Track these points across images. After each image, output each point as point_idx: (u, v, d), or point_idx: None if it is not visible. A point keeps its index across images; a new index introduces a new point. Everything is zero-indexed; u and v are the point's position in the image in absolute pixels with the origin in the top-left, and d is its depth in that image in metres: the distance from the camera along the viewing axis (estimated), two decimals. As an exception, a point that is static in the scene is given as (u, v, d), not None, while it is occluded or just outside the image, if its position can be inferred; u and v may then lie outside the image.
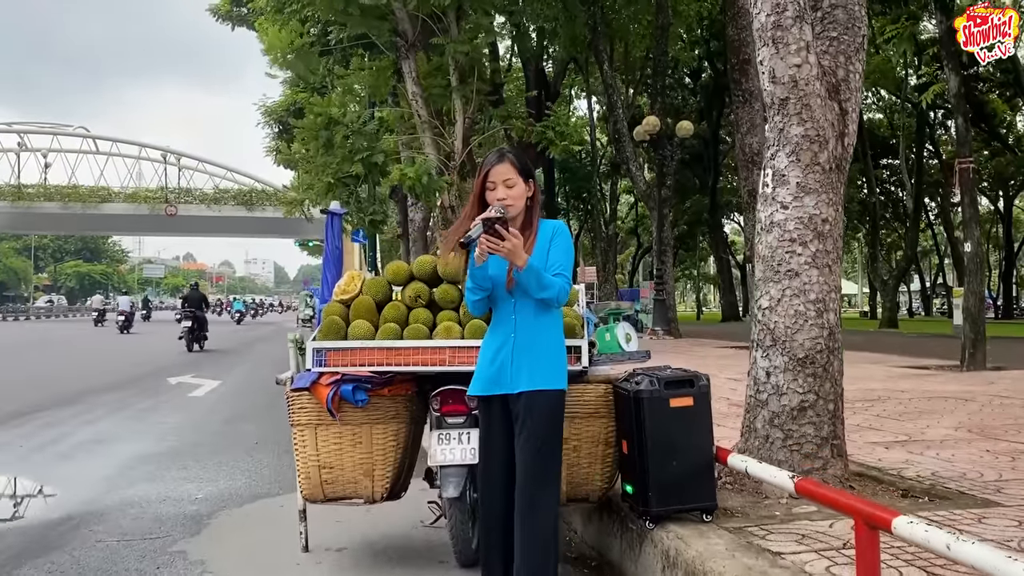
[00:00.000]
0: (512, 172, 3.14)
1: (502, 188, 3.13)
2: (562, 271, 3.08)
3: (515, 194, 3.14)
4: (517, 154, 3.23)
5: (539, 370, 3.07)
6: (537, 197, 3.24)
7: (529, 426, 3.08)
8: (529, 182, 3.19)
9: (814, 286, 4.35)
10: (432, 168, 14.36)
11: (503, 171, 3.15)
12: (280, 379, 4.16)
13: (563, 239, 3.18)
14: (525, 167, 3.19)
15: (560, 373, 3.13)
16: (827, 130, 4.34)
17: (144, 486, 5.84)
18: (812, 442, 4.37)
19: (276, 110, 34.96)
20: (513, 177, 3.14)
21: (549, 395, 3.08)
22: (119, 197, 58.02)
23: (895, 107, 41.11)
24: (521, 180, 3.16)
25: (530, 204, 3.21)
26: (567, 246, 3.17)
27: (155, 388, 12.37)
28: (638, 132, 21.69)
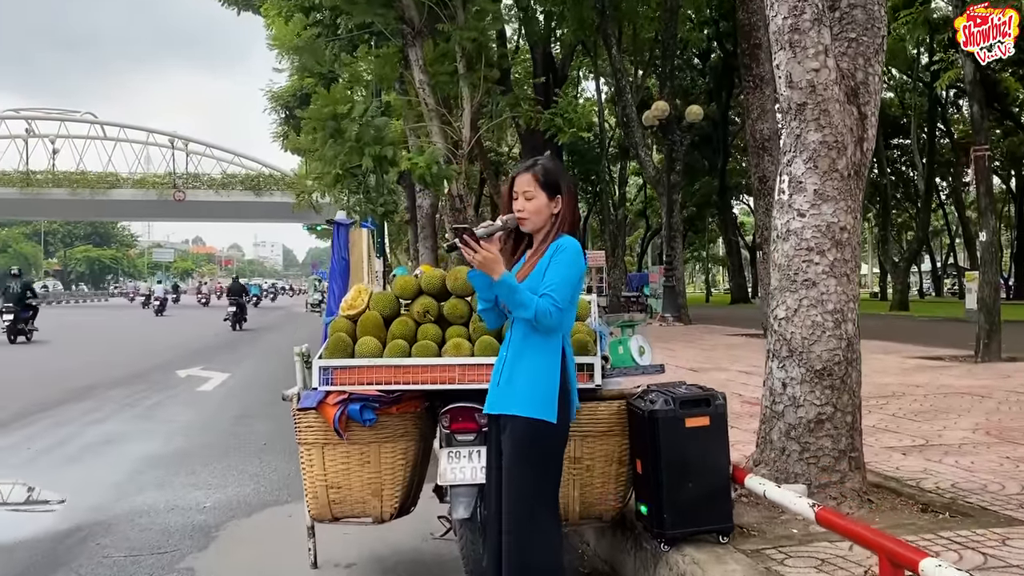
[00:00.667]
0: (533, 185, 3.00)
1: (521, 198, 3.02)
2: (551, 291, 2.83)
3: (532, 208, 3.00)
4: (550, 167, 3.06)
5: (517, 394, 2.90)
6: (566, 215, 3.04)
7: (505, 454, 2.97)
8: (556, 198, 3.02)
9: (832, 296, 4.24)
10: (440, 157, 14.24)
11: (524, 182, 3.02)
12: (286, 395, 4.08)
13: (563, 255, 2.90)
14: (551, 181, 3.02)
15: (540, 401, 2.87)
16: (846, 136, 4.22)
17: (153, 493, 5.80)
18: (829, 455, 4.28)
19: (283, 96, 34.81)
20: (533, 190, 3.00)
21: (522, 424, 2.88)
22: (127, 183, 58.02)
23: (906, 86, 40.65)
24: (543, 194, 3.00)
25: (554, 221, 3.04)
26: (566, 262, 2.89)
27: (164, 382, 12.35)
28: (647, 117, 21.50)
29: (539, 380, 2.91)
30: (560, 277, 2.88)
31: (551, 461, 2.97)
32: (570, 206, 3.06)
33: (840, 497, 4.24)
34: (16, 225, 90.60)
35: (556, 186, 3.04)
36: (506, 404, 2.95)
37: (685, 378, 10.14)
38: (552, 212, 3.04)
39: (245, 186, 58.41)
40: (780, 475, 4.37)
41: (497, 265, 2.81)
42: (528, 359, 2.93)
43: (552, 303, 2.83)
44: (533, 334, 2.93)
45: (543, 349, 2.95)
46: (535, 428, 2.90)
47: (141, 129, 63.54)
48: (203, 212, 64.41)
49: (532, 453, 2.92)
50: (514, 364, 2.96)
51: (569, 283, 2.91)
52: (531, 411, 2.89)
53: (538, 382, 2.91)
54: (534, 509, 2.93)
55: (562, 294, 2.86)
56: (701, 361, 12.20)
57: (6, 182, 56.24)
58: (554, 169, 3.08)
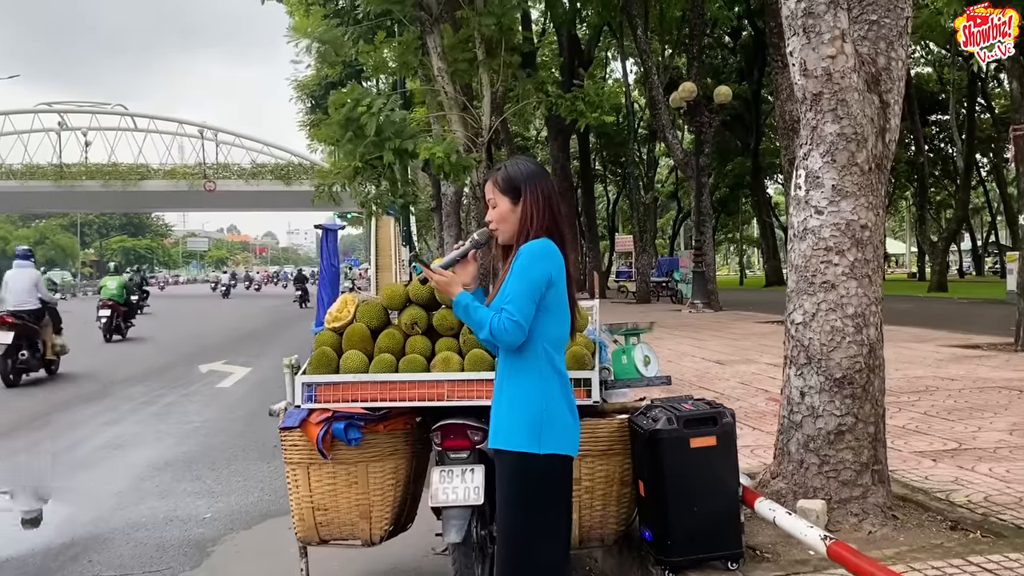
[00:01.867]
0: (493, 191, 2.74)
1: (489, 208, 2.78)
2: (507, 304, 2.54)
3: (497, 216, 2.73)
4: (511, 170, 2.75)
5: (502, 426, 2.65)
6: (532, 217, 2.69)
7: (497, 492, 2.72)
8: (520, 201, 2.71)
9: (852, 299, 3.96)
10: (459, 146, 14.00)
11: (487, 190, 2.78)
12: (273, 410, 3.89)
13: (516, 262, 2.60)
14: (511, 185, 2.71)
15: (521, 431, 2.58)
16: (866, 127, 3.92)
17: (153, 502, 5.67)
18: (851, 468, 4.01)
19: (308, 85, 34.77)
20: (494, 197, 2.74)
21: (507, 458, 2.62)
22: (158, 174, 58.41)
23: (944, 61, 39.60)
24: (505, 200, 2.71)
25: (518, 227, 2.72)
26: (518, 269, 2.58)
27: (185, 378, 12.29)
28: (674, 99, 21.05)
29: (519, 408, 2.63)
30: (514, 288, 2.58)
31: (545, 494, 2.63)
32: (536, 207, 2.70)
33: (862, 513, 3.98)
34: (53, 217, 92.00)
35: (517, 191, 2.72)
36: (495, 437, 2.69)
37: (710, 371, 9.90)
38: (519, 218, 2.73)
39: (275, 175, 58.53)
40: (798, 489, 4.11)
41: (451, 287, 2.60)
42: (509, 386, 2.67)
43: (508, 316, 2.53)
44: (512, 356, 2.66)
45: (522, 372, 2.66)
46: (519, 460, 2.61)
47: (171, 120, 63.94)
48: (234, 202, 64.75)
49: (519, 488, 2.63)
50: (500, 392, 2.71)
51: (524, 292, 2.57)
52: (513, 443, 2.61)
53: (518, 410, 2.63)
54: (531, 546, 2.65)
55: (519, 305, 2.56)
56: (728, 352, 11.88)
57: (40, 175, 56.89)
58: (516, 172, 2.75)
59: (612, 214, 54.52)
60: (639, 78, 37.49)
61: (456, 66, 14.83)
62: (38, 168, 58.09)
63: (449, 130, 15.44)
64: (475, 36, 14.93)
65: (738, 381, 9.04)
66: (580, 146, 38.70)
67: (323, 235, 4.08)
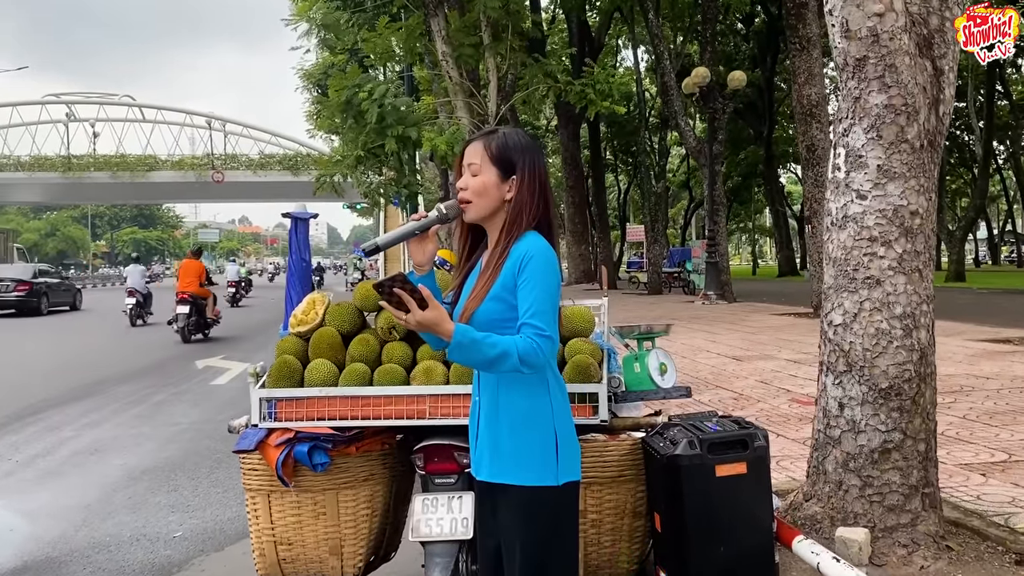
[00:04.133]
0: (481, 156, 2.22)
1: (465, 173, 2.25)
2: (532, 318, 2.06)
3: (476, 186, 2.21)
4: (511, 138, 2.25)
5: (504, 460, 2.16)
6: (526, 203, 2.21)
7: (504, 526, 2.22)
8: (511, 180, 2.22)
9: (901, 297, 3.42)
10: (464, 134, 13.47)
11: (471, 151, 2.24)
12: (232, 426, 3.39)
13: (535, 265, 2.12)
14: (505, 156, 2.21)
15: (535, 464, 2.14)
16: (917, 97, 3.37)
17: (122, 517, 5.19)
18: (898, 492, 3.49)
19: (314, 74, 34.31)
20: (477, 162, 2.22)
21: (518, 493, 2.14)
22: (166, 165, 58.16)
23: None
24: (493, 171, 2.20)
25: (509, 211, 2.22)
26: (541, 273, 2.11)
27: (179, 374, 11.83)
28: (687, 85, 20.43)
29: (528, 436, 2.15)
30: (538, 296, 2.09)
31: (563, 523, 2.20)
32: (532, 193, 2.22)
33: (911, 544, 3.45)
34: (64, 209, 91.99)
35: (510, 164, 2.22)
36: (492, 471, 2.19)
37: (726, 368, 9.35)
38: (503, 198, 2.23)
39: (283, 166, 58.20)
40: (836, 514, 3.59)
41: (441, 325, 2.00)
42: (508, 409, 2.17)
43: (538, 334, 2.05)
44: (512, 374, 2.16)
45: (526, 391, 2.17)
46: (535, 496, 2.14)
47: (179, 111, 63.64)
48: (242, 193, 64.44)
49: (538, 529, 2.17)
50: (492, 418, 2.20)
51: (551, 301, 2.12)
52: (526, 478, 2.14)
53: (526, 439, 2.15)
54: None
55: (547, 318, 2.08)
56: (745, 347, 11.33)
57: (48, 167, 56.71)
58: (515, 143, 2.25)
59: (623, 204, 53.92)
60: (650, 65, 36.83)
61: (461, 51, 14.32)
62: (46, 160, 57.94)
63: (455, 117, 14.91)
64: (481, 20, 14.39)
65: (757, 379, 8.51)
66: (591, 134, 38.13)
67: (292, 225, 3.57)
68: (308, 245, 3.63)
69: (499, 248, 2.21)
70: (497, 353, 2.01)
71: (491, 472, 2.19)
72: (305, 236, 3.60)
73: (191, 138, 64.38)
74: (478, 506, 2.39)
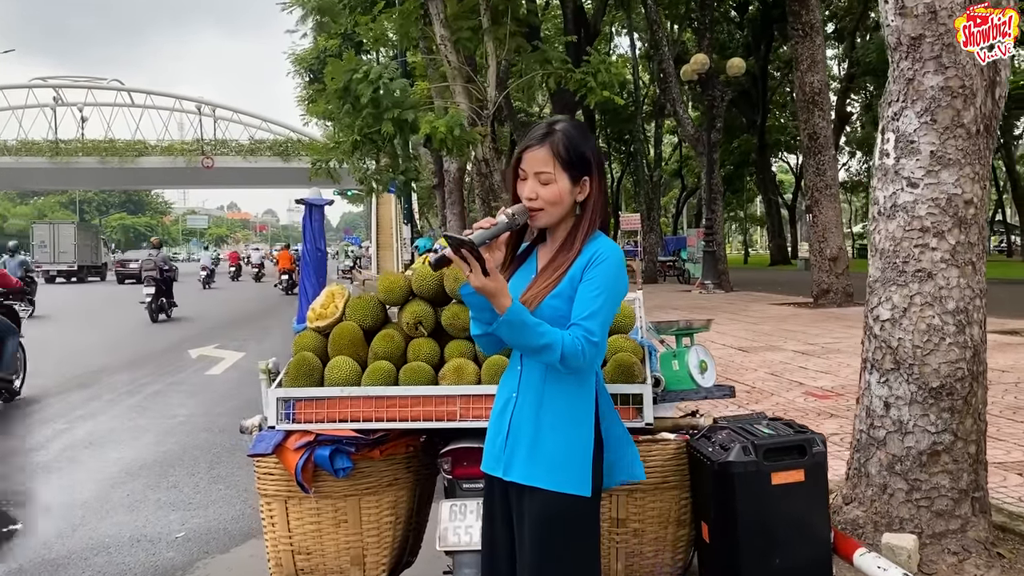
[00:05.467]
0: (551, 164, 2.06)
1: (532, 182, 2.09)
2: (584, 320, 1.97)
3: (548, 195, 2.07)
4: (574, 136, 2.10)
5: (540, 459, 2.04)
6: (595, 204, 2.12)
7: (526, 535, 2.08)
8: (583, 181, 2.10)
9: (953, 291, 3.24)
10: (463, 119, 13.23)
11: (539, 160, 2.07)
12: (245, 426, 3.18)
13: (604, 268, 2.03)
14: (576, 158, 2.08)
15: (571, 471, 2.03)
16: (975, 78, 3.19)
17: (120, 517, 4.98)
18: (947, 496, 3.31)
19: (306, 58, 33.86)
20: (550, 171, 2.06)
21: (547, 499, 2.02)
22: (155, 150, 57.57)
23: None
24: (565, 177, 2.07)
25: (579, 215, 2.13)
26: (608, 279, 2.02)
27: (174, 364, 11.59)
28: (685, 71, 20.21)
29: (570, 441, 2.04)
30: (599, 302, 1.99)
31: (589, 537, 2.09)
32: (601, 191, 2.13)
33: (962, 552, 3.28)
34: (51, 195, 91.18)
35: (584, 163, 2.10)
36: (526, 472, 2.05)
37: (734, 360, 9.18)
38: (576, 200, 2.12)
39: (273, 152, 57.70)
40: (880, 519, 3.42)
41: (500, 297, 1.92)
42: (553, 409, 2.05)
43: (587, 336, 1.94)
44: (555, 372, 2.04)
45: (574, 392, 2.07)
46: (565, 505, 2.02)
47: (168, 95, 62.96)
48: (232, 179, 63.96)
49: (564, 535, 2.03)
50: (533, 417, 2.06)
51: (611, 309, 2.03)
52: (559, 484, 2.02)
53: (566, 444, 2.04)
54: None
55: (599, 323, 1.98)
56: (750, 338, 11.17)
57: (35, 151, 56.06)
58: (579, 139, 2.11)
59: (616, 192, 53.73)
60: (644, 53, 36.54)
61: (460, 34, 14.05)
62: (33, 144, 57.31)
63: (453, 103, 14.66)
64: (480, 3, 14.12)
65: (767, 372, 8.34)
66: (586, 123, 37.85)
67: (306, 212, 3.36)
68: (323, 233, 3.42)
69: (570, 249, 2.09)
70: (542, 343, 1.94)
71: (524, 473, 2.06)
72: (320, 223, 3.39)
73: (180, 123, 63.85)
74: (491, 507, 2.23)
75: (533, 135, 2.13)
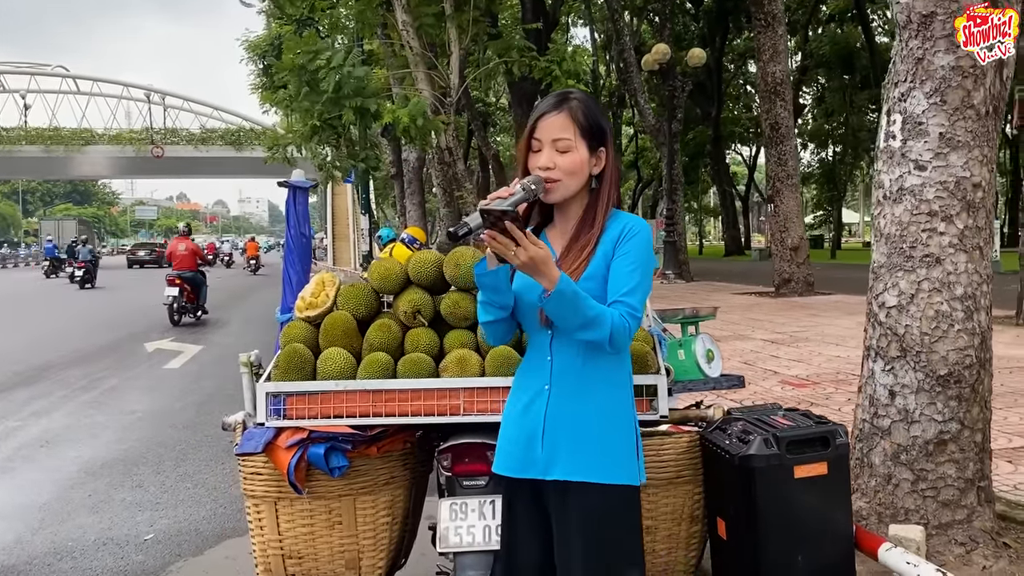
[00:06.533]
0: (570, 130, 1.93)
1: (548, 151, 1.94)
2: (626, 297, 1.87)
3: (567, 165, 1.94)
4: (591, 105, 2.00)
5: (587, 452, 1.91)
6: (612, 175, 2.01)
7: (574, 533, 1.94)
8: (600, 152, 1.98)
9: (962, 277, 3.17)
10: (426, 107, 13.00)
11: (556, 125, 1.94)
12: (227, 423, 2.99)
13: (637, 242, 1.93)
14: (594, 125, 1.96)
15: (624, 459, 1.94)
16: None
17: (84, 519, 4.73)
18: (954, 486, 3.24)
19: (260, 45, 33.18)
20: (570, 138, 1.93)
21: (606, 493, 1.91)
22: (103, 139, 56.06)
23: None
24: (583, 145, 1.94)
25: (596, 187, 2.00)
26: (641, 251, 1.93)
27: (129, 358, 11.22)
28: (647, 61, 20.18)
29: (616, 428, 1.95)
30: (636, 276, 1.90)
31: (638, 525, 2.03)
32: (616, 164, 2.03)
33: (969, 542, 3.22)
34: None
35: (601, 132, 1.98)
36: (564, 467, 1.92)
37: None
38: (592, 173, 1.99)
39: (225, 141, 56.58)
40: (884, 510, 3.35)
41: (550, 265, 1.77)
42: (596, 396, 1.94)
43: (631, 312, 1.86)
44: (599, 357, 1.93)
45: (615, 376, 1.98)
46: (617, 496, 1.93)
47: (116, 83, 61.43)
48: (182, 168, 62.62)
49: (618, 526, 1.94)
50: (572, 405, 1.94)
51: (648, 284, 1.92)
52: (610, 476, 1.91)
53: (613, 431, 1.94)
54: None
55: (639, 299, 1.89)
56: (717, 327, 11.12)
57: (-25, 140, 54.36)
58: (595, 107, 2.01)
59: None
60: (602, 44, 36.50)
61: (422, 20, 13.80)
62: (-27, 132, 55.48)
63: (414, 90, 14.41)
64: (442, -12, 13.90)
65: (740, 361, 8.31)
66: (543, 114, 37.67)
67: (290, 195, 3.16)
68: (308, 217, 3.22)
69: (591, 225, 1.97)
70: (595, 314, 1.82)
71: (570, 469, 1.92)
72: (305, 207, 3.20)
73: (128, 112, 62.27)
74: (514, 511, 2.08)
75: (547, 102, 2.00)
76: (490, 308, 2.00)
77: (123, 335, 13.85)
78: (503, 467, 2.05)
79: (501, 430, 2.11)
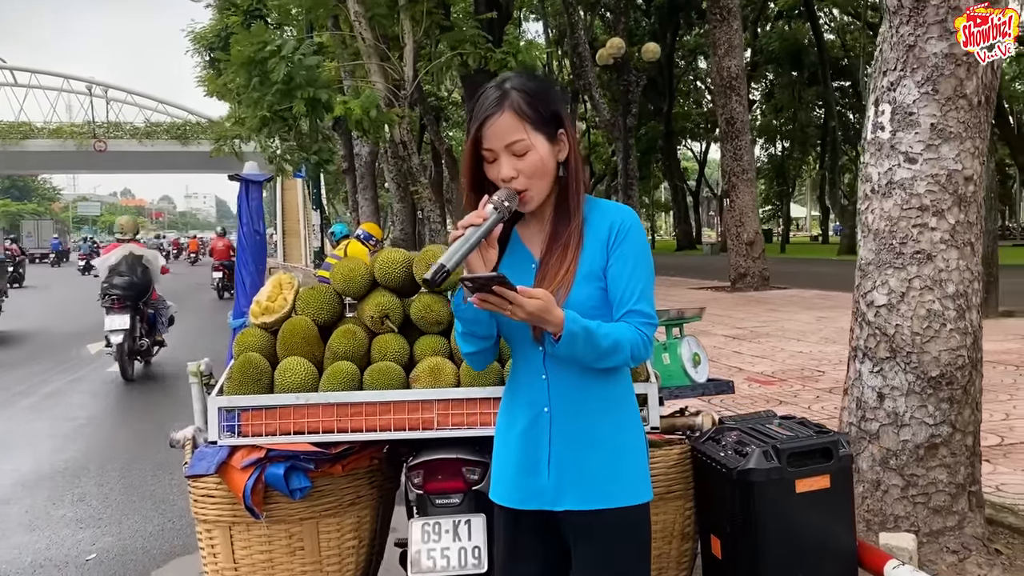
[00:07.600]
0: (520, 128, 1.68)
1: (506, 158, 1.69)
2: (637, 305, 1.68)
3: (531, 168, 1.69)
4: (531, 88, 1.71)
5: (598, 477, 1.73)
6: (576, 159, 1.76)
7: (590, 559, 1.75)
8: (560, 136, 1.73)
9: (953, 274, 3.04)
10: (379, 99, 12.69)
11: (504, 128, 1.68)
12: (175, 439, 2.74)
13: (632, 241, 1.73)
14: (545, 112, 1.70)
15: (637, 478, 1.77)
16: (980, 46, 2.97)
17: (20, 538, 4.41)
18: (945, 491, 3.12)
19: (206, 36, 32.42)
20: (523, 137, 1.68)
21: (617, 516, 1.73)
22: (43, 133, 54.27)
23: (847, 27, 40.05)
24: (541, 138, 1.70)
25: (563, 176, 1.75)
26: (638, 246, 1.73)
27: (70, 361, 10.75)
28: (601, 55, 20.08)
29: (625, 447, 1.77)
30: (641, 279, 1.71)
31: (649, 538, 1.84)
32: (577, 144, 1.79)
33: (962, 549, 3.10)
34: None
35: (555, 115, 1.73)
36: (576, 497, 1.73)
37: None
38: (558, 160, 1.74)
39: (171, 135, 55.19)
40: (873, 517, 3.21)
41: (553, 312, 1.57)
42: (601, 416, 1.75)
43: (646, 323, 1.68)
44: (594, 370, 1.72)
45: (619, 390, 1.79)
46: (632, 516, 1.77)
47: (55, 75, 59.63)
48: (127, 163, 61.05)
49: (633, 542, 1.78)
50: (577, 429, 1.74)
51: (652, 282, 1.74)
52: (625, 498, 1.75)
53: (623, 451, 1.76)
54: None
55: (650, 303, 1.71)
56: (677, 323, 11.06)
57: (-95, 133, 52.32)
58: (539, 88, 1.74)
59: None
60: (554, 39, 36.38)
61: (375, 11, 13.47)
62: (-99, 124, 53.44)
63: (367, 82, 14.08)
64: (395, -22, 13.59)
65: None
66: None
67: (242, 189, 2.91)
68: (262, 213, 2.98)
69: (568, 218, 1.75)
70: (610, 343, 1.64)
71: (583, 498, 1.73)
72: (259, 202, 2.94)
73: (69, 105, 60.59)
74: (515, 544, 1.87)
75: (485, 103, 1.71)
76: (472, 339, 1.79)
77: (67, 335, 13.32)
78: (503, 498, 1.83)
79: (495, 456, 1.89)
